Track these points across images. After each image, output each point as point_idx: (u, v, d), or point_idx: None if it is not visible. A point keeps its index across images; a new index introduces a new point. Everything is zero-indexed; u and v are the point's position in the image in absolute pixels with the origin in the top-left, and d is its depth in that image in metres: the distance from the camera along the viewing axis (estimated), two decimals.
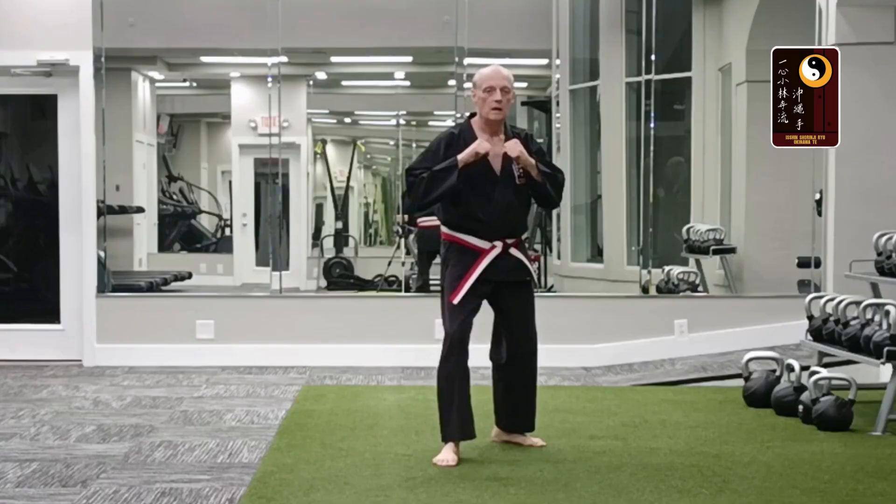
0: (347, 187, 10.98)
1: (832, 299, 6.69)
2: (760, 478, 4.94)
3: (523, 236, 5.49)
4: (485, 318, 5.42)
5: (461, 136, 5.31)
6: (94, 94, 8.51)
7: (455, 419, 5.20)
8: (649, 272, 8.90)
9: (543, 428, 5.86)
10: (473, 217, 5.29)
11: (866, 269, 6.84)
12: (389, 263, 9.94)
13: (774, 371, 6.72)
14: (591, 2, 9.97)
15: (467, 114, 5.44)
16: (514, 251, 5.34)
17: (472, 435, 5.27)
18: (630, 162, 9.41)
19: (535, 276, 5.58)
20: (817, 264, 8.41)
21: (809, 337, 6.87)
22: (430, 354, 7.77)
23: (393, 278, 9.80)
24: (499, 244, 5.28)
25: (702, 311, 8.61)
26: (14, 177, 9.34)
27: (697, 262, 9.20)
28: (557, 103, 9.80)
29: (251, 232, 10.53)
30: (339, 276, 10.32)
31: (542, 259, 9.86)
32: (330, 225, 10.81)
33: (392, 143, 11.28)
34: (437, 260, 9.17)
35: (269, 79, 9.01)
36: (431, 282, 9.32)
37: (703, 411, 6.52)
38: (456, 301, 5.24)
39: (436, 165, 5.25)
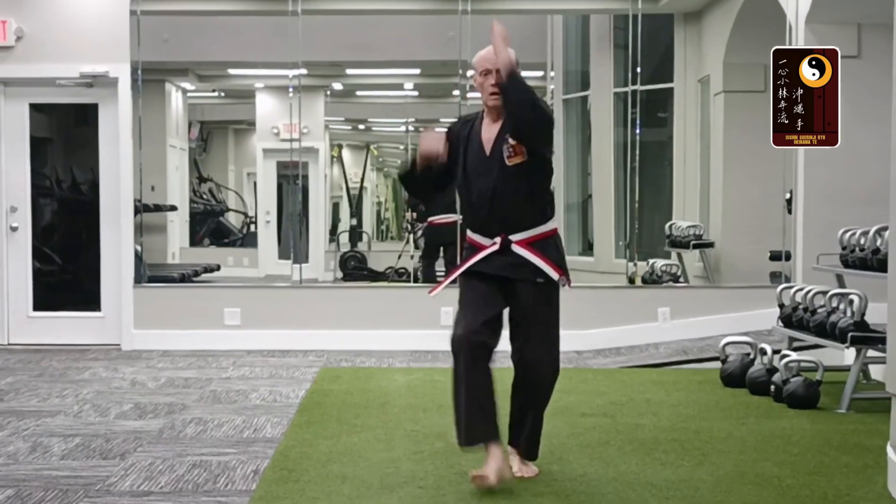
0: (361, 188, 10.97)
1: (801, 289, 6.68)
2: (736, 451, 4.93)
3: (536, 232, 4.37)
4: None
5: (469, 121, 4.59)
6: (132, 103, 8.52)
7: (461, 423, 4.29)
8: (635, 265, 8.88)
9: None
10: (467, 209, 4.49)
11: (832, 262, 6.83)
12: (399, 257, 9.94)
13: (749, 354, 6.71)
14: (583, 19, 9.94)
15: None
16: (517, 248, 4.31)
17: (475, 440, 4.25)
18: (618, 165, 9.38)
19: (558, 277, 4.34)
20: (787, 257, 8.39)
21: (780, 323, 6.86)
22: (435, 339, 7.83)
23: (403, 270, 9.80)
24: (498, 240, 4.33)
25: (683, 300, 8.60)
26: (59, 178, 9.33)
27: (679, 256, 9.19)
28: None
29: (274, 228, 10.52)
30: (354, 269, 10.31)
31: None
32: (345, 222, 10.80)
33: (402, 147, 11.26)
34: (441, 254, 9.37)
35: (291, 89, 9.00)
36: (438, 273, 9.33)
37: (684, 391, 6.51)
38: (433, 295, 4.69)
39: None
